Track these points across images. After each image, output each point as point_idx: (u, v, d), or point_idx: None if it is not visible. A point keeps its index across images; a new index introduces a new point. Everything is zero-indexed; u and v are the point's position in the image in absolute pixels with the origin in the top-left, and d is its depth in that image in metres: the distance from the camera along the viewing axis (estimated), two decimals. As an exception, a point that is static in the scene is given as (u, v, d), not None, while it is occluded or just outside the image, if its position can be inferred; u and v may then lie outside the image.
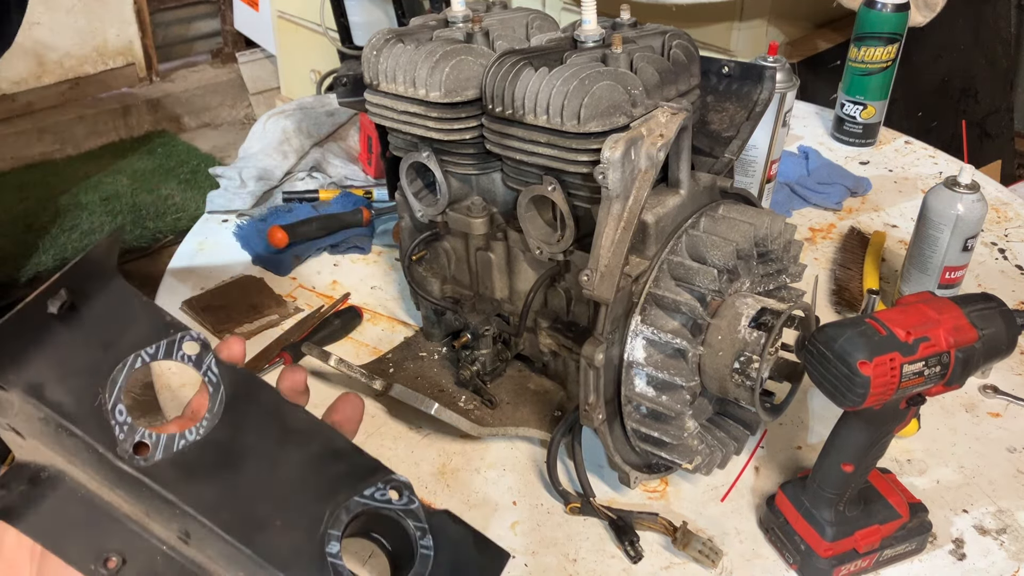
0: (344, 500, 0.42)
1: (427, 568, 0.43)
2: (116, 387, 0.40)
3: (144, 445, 0.40)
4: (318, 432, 0.45)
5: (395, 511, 0.43)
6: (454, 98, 0.76)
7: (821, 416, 0.89)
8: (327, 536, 0.41)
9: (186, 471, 0.41)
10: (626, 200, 0.68)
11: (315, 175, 1.38)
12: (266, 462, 0.42)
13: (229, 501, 0.40)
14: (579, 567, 0.74)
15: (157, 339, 0.43)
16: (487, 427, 0.85)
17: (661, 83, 0.73)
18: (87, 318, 0.41)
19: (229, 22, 3.68)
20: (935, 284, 0.99)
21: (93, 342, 0.41)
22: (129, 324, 0.43)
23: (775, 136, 1.13)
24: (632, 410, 0.74)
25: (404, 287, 1.08)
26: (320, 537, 0.41)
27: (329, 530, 0.41)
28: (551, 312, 0.85)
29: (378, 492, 0.43)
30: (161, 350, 0.43)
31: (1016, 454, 0.85)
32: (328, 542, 0.41)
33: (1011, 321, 0.66)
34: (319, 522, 0.42)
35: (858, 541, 0.71)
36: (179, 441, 0.41)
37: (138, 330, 0.43)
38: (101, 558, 0.39)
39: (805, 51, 1.91)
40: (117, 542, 0.40)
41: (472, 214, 0.83)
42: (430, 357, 0.95)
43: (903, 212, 1.27)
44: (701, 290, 0.70)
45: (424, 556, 0.43)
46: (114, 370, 0.41)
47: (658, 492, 0.82)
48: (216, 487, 0.41)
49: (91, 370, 0.40)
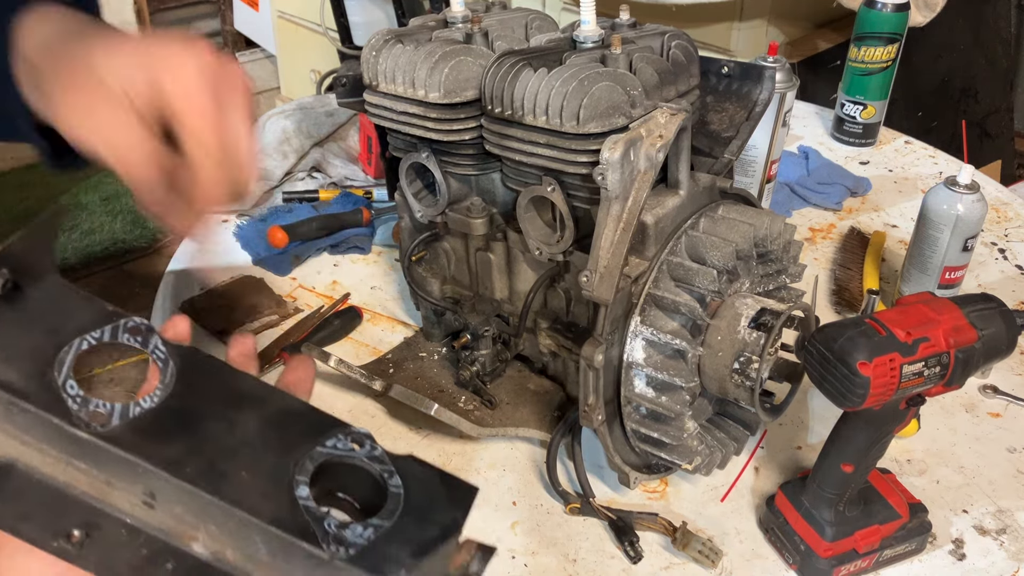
0: (307, 452, 0.43)
1: (398, 505, 0.43)
2: (65, 366, 0.41)
3: (99, 414, 0.40)
4: (272, 395, 0.46)
5: (359, 458, 0.44)
6: (453, 99, 0.76)
7: (821, 416, 0.89)
8: (295, 482, 0.41)
9: (145, 434, 0.41)
10: (625, 201, 0.68)
11: (315, 175, 1.38)
12: (224, 423, 0.43)
13: (192, 457, 0.40)
14: (579, 567, 0.74)
15: (101, 325, 0.43)
16: (487, 428, 0.85)
17: (660, 84, 0.73)
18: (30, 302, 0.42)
19: (229, 22, 3.68)
20: (935, 284, 0.99)
21: (37, 327, 0.42)
22: (71, 313, 0.43)
23: (775, 136, 1.13)
24: (632, 411, 0.74)
25: (404, 287, 1.08)
26: (288, 483, 0.41)
27: (296, 476, 0.42)
28: (551, 313, 0.85)
29: (340, 443, 0.44)
30: (106, 334, 0.43)
31: (1016, 454, 0.85)
32: (296, 487, 0.41)
33: (1011, 321, 0.66)
34: (285, 472, 0.42)
35: (858, 541, 0.71)
36: (134, 408, 0.41)
37: (81, 317, 0.43)
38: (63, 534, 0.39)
39: (805, 51, 1.91)
40: (78, 519, 0.40)
41: (472, 214, 0.83)
42: (430, 357, 0.95)
43: (903, 212, 1.27)
44: (701, 291, 0.70)
45: (394, 494, 0.43)
46: (60, 352, 0.41)
47: (658, 492, 0.82)
48: (177, 446, 0.41)
49: (37, 352, 0.41)
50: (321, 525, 0.40)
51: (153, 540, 0.40)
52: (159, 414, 0.42)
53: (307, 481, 0.41)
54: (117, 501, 0.40)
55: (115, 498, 0.40)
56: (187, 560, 0.40)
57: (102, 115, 0.50)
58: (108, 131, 0.50)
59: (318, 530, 0.40)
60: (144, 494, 0.40)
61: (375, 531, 0.40)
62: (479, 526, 0.78)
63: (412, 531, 0.42)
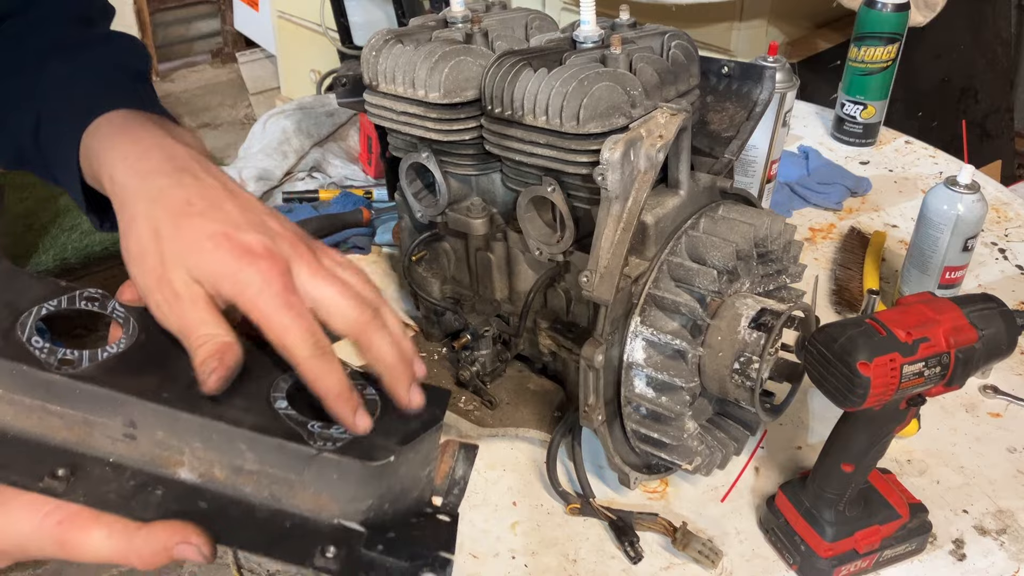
0: (279, 376, 0.43)
1: (376, 408, 0.44)
2: (27, 327, 0.41)
3: (69, 359, 0.40)
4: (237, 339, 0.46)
5: None
6: (453, 99, 0.76)
7: (821, 416, 0.89)
8: (272, 398, 0.42)
9: (117, 372, 0.41)
10: (625, 201, 0.68)
11: (315, 175, 1.38)
12: (190, 361, 0.43)
13: (167, 384, 0.41)
14: (579, 567, 0.74)
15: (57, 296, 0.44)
16: (487, 428, 0.85)
17: (660, 84, 0.73)
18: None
19: (229, 22, 3.69)
20: (935, 284, 0.99)
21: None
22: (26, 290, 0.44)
23: (775, 136, 1.13)
24: (632, 411, 0.74)
25: (404, 287, 1.08)
26: (265, 399, 0.42)
27: (273, 394, 0.42)
28: (551, 313, 0.85)
29: None
30: (64, 302, 0.44)
31: (1016, 454, 0.85)
32: (275, 402, 0.42)
33: (1011, 321, 0.66)
34: (261, 391, 0.42)
35: (858, 541, 0.71)
36: (102, 354, 0.42)
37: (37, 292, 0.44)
38: (48, 474, 0.39)
39: (805, 51, 1.91)
40: (61, 463, 0.40)
41: (472, 215, 0.83)
42: (430, 357, 0.95)
43: (903, 212, 1.27)
44: (701, 291, 0.70)
45: (371, 400, 0.44)
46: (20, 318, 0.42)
47: (658, 492, 0.82)
48: (150, 378, 0.41)
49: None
50: (305, 427, 0.41)
51: (139, 472, 0.40)
52: (127, 356, 0.42)
53: (284, 397, 0.42)
54: (97, 442, 0.40)
55: (95, 439, 0.40)
56: (175, 486, 0.40)
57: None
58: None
59: (302, 432, 0.40)
60: (124, 425, 0.40)
61: None
62: (479, 526, 0.78)
63: (395, 426, 0.43)
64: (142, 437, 0.40)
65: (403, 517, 0.42)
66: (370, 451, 0.41)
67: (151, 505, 0.39)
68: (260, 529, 0.39)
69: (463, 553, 0.75)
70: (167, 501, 0.39)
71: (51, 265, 2.62)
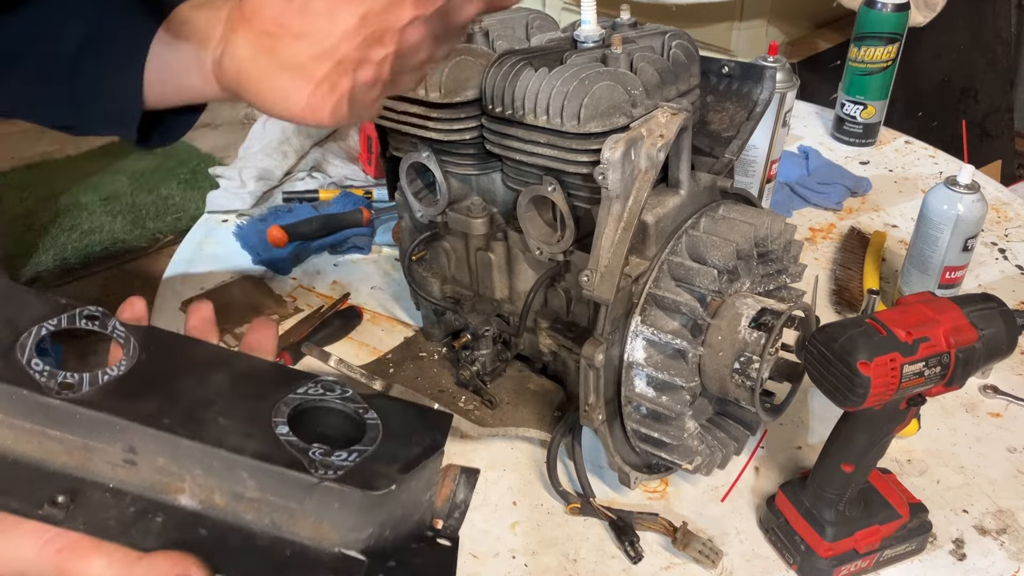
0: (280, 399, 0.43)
1: (378, 433, 0.44)
2: (27, 348, 0.41)
3: (69, 383, 0.40)
4: (238, 357, 0.46)
5: (332, 401, 0.44)
6: (453, 98, 0.76)
7: (821, 416, 0.89)
8: (273, 423, 0.42)
9: (117, 395, 0.41)
10: (626, 200, 0.68)
11: (315, 175, 1.38)
12: (193, 382, 0.43)
13: (168, 409, 0.41)
14: (579, 567, 0.74)
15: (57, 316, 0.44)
16: (487, 427, 0.85)
17: (661, 83, 0.73)
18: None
19: (229, 22, 3.68)
20: (935, 284, 0.99)
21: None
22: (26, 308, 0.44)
23: (775, 136, 1.13)
24: (632, 411, 0.74)
25: (404, 287, 1.08)
26: (266, 424, 0.42)
27: (274, 418, 0.42)
28: (551, 312, 0.85)
29: (311, 389, 0.44)
30: (64, 321, 0.44)
31: (1016, 454, 0.85)
32: (276, 427, 0.41)
33: (1011, 321, 0.66)
34: (262, 416, 0.42)
35: (858, 541, 0.71)
36: (102, 376, 0.41)
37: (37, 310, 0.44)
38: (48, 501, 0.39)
39: (805, 51, 1.91)
40: (61, 488, 0.39)
41: (472, 214, 0.83)
42: (430, 357, 0.95)
43: (903, 212, 1.27)
44: (701, 290, 0.70)
45: (372, 425, 0.44)
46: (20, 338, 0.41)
47: (658, 492, 0.82)
48: (151, 402, 0.41)
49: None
50: (306, 455, 0.40)
51: (139, 498, 0.40)
52: (128, 379, 0.42)
53: (285, 421, 0.42)
54: (97, 467, 0.40)
55: (95, 464, 0.40)
56: (176, 513, 0.40)
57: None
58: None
59: (303, 459, 0.40)
60: (125, 451, 0.39)
61: (359, 455, 0.41)
62: (479, 526, 0.78)
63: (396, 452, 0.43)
64: (143, 463, 0.40)
65: (404, 542, 0.42)
66: (371, 480, 0.40)
67: (151, 532, 0.39)
68: (261, 557, 0.39)
69: (463, 553, 0.75)
70: (167, 528, 0.39)
71: (51, 265, 2.62)
